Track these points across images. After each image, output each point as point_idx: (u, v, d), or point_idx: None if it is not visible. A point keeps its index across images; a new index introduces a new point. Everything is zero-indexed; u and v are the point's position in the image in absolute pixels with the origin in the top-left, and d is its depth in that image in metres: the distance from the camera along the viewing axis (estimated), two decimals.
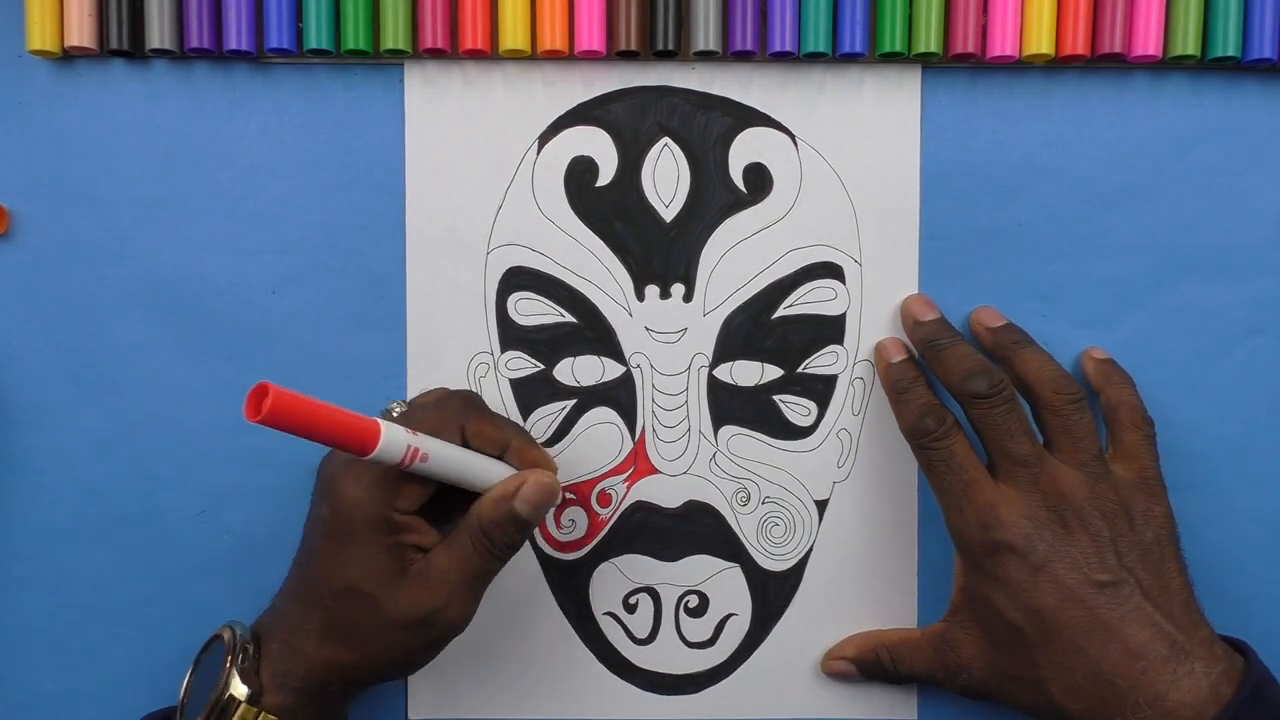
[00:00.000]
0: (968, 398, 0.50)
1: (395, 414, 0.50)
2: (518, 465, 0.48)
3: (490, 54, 0.52)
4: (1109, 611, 0.47)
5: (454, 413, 0.48)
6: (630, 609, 0.55)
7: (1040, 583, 0.48)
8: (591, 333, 0.54)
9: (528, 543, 0.55)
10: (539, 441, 0.54)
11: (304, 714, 0.47)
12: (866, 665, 0.54)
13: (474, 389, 0.54)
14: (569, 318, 0.54)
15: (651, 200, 0.53)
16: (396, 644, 0.47)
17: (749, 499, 0.54)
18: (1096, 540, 0.48)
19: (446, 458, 0.45)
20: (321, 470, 0.48)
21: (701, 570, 0.55)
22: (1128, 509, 0.49)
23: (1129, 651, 0.47)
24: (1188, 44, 0.51)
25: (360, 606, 0.46)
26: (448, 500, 0.47)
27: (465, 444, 0.47)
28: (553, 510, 0.54)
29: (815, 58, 0.52)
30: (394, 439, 0.43)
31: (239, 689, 0.46)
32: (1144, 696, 0.46)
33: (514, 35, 0.51)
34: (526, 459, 0.48)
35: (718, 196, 0.53)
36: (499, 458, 0.48)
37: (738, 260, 0.54)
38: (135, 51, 0.52)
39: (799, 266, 0.54)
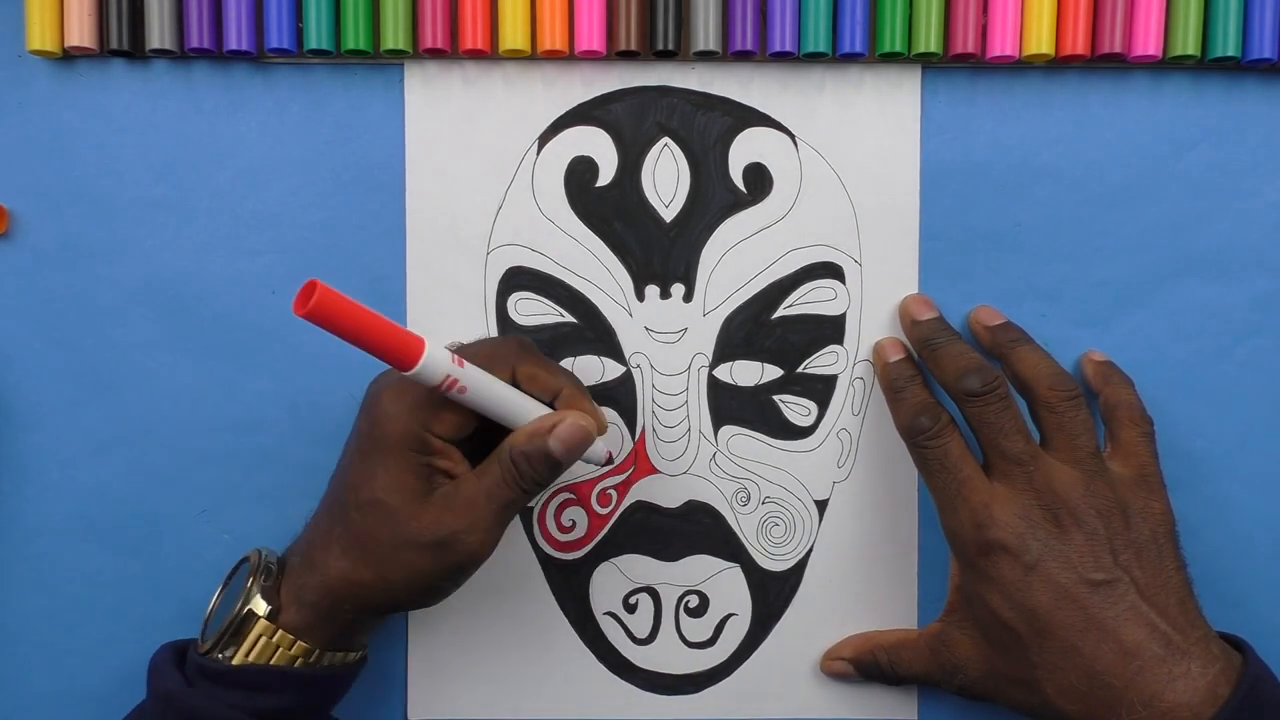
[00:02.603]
0: (962, 395, 0.50)
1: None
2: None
3: (490, 54, 0.52)
4: (1103, 611, 0.47)
5: (508, 352, 0.48)
6: (630, 609, 0.55)
7: (1033, 582, 0.47)
8: (591, 333, 0.54)
9: (528, 543, 0.55)
10: None
11: (319, 633, 0.48)
12: (864, 666, 0.54)
13: None
14: (569, 318, 0.54)
15: (651, 200, 0.53)
16: (412, 565, 0.46)
17: (749, 499, 0.54)
18: (1091, 539, 0.48)
19: (488, 391, 0.46)
20: (369, 389, 0.49)
21: (701, 570, 0.55)
22: (1124, 506, 0.49)
23: (1124, 651, 0.46)
24: (1188, 44, 0.51)
25: (381, 520, 0.46)
26: (491, 443, 0.48)
27: (515, 385, 0.47)
28: (553, 510, 0.54)
29: (815, 58, 0.52)
30: (437, 359, 0.43)
31: (259, 605, 0.47)
32: (1139, 697, 0.46)
33: (514, 35, 0.51)
34: (575, 409, 0.48)
35: (718, 196, 0.53)
36: (549, 405, 0.48)
37: (738, 260, 0.54)
38: (135, 51, 0.52)
39: (799, 266, 0.54)
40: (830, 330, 0.54)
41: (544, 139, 0.53)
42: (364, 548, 0.46)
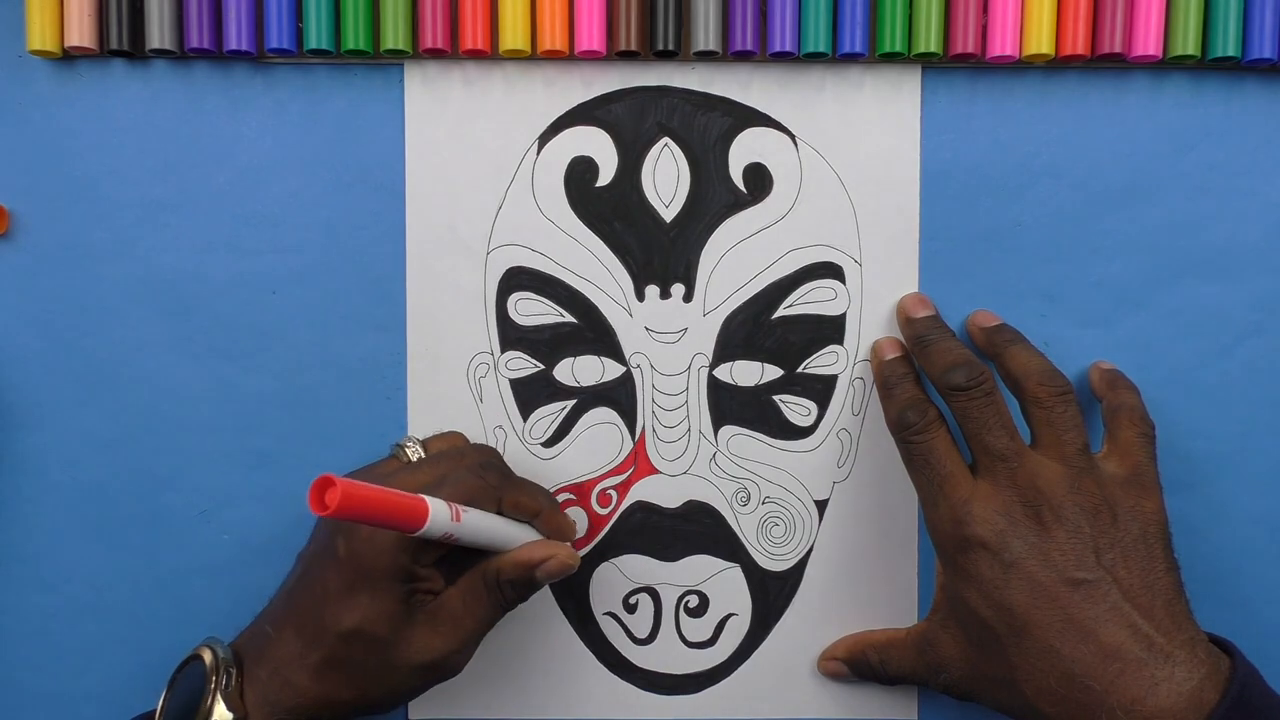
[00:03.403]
0: (947, 389, 0.50)
1: (410, 455, 0.51)
2: (543, 530, 0.50)
3: (490, 54, 0.52)
4: (1083, 611, 0.46)
5: (494, 484, 0.49)
6: (630, 609, 0.55)
7: (1012, 580, 0.47)
8: (591, 333, 0.54)
9: None
10: (542, 440, 0.54)
11: None
12: (857, 665, 0.54)
13: (474, 389, 0.54)
14: (569, 318, 0.54)
15: (651, 200, 0.53)
16: (398, 685, 0.48)
17: (749, 499, 0.54)
18: (1074, 537, 0.47)
19: (480, 528, 0.47)
20: None
21: (701, 570, 0.55)
22: (1112, 505, 0.48)
23: (1103, 653, 0.46)
24: (1188, 44, 0.51)
25: (368, 648, 0.46)
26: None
27: (500, 512, 0.49)
28: None
29: (815, 58, 0.52)
30: (439, 520, 0.44)
31: (223, 714, 0.46)
32: (1120, 701, 0.45)
33: (514, 35, 0.51)
34: (552, 525, 0.50)
35: (718, 196, 0.53)
36: (527, 521, 0.50)
37: (738, 260, 0.54)
38: (135, 51, 0.52)
39: (799, 266, 0.54)
40: (830, 330, 0.54)
41: (544, 139, 0.53)
42: (347, 672, 0.47)
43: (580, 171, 0.53)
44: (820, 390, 0.54)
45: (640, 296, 0.54)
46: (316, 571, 0.48)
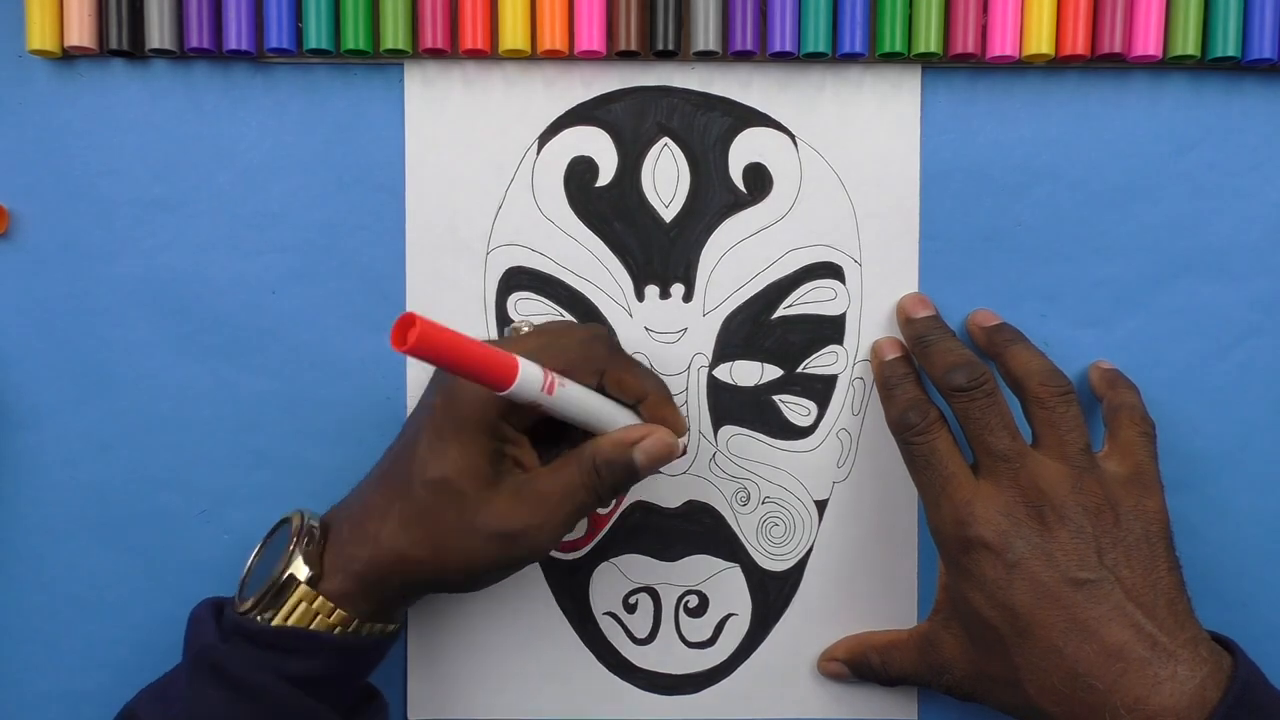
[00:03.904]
0: (949, 390, 0.50)
1: (523, 333, 0.50)
2: (647, 419, 0.48)
3: (490, 54, 0.52)
4: (1086, 611, 0.46)
5: (597, 357, 0.48)
6: (630, 609, 0.55)
7: (1015, 580, 0.47)
8: None
9: None
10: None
11: (360, 604, 0.47)
12: (858, 666, 0.54)
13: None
14: (569, 318, 0.54)
15: (651, 200, 0.53)
16: (474, 551, 0.46)
17: (749, 499, 0.54)
18: (1077, 537, 0.47)
19: (577, 402, 0.45)
20: None
21: (701, 570, 0.55)
22: (1114, 505, 0.48)
23: (1107, 652, 0.46)
24: (1188, 44, 0.51)
25: (450, 502, 0.45)
26: (553, 427, 0.47)
27: (601, 388, 0.47)
28: None
29: (815, 58, 0.52)
30: (529, 381, 0.43)
31: (300, 570, 0.46)
32: (1123, 701, 0.45)
33: (514, 35, 0.51)
34: (657, 415, 0.48)
35: (718, 196, 0.53)
36: (632, 406, 0.48)
37: (737, 260, 0.54)
38: (135, 51, 0.52)
39: (799, 266, 0.54)
40: (830, 330, 0.54)
41: (544, 139, 0.53)
42: (426, 527, 0.46)
43: (580, 171, 0.53)
44: (820, 390, 0.54)
45: (640, 296, 0.54)
46: (411, 427, 0.48)
